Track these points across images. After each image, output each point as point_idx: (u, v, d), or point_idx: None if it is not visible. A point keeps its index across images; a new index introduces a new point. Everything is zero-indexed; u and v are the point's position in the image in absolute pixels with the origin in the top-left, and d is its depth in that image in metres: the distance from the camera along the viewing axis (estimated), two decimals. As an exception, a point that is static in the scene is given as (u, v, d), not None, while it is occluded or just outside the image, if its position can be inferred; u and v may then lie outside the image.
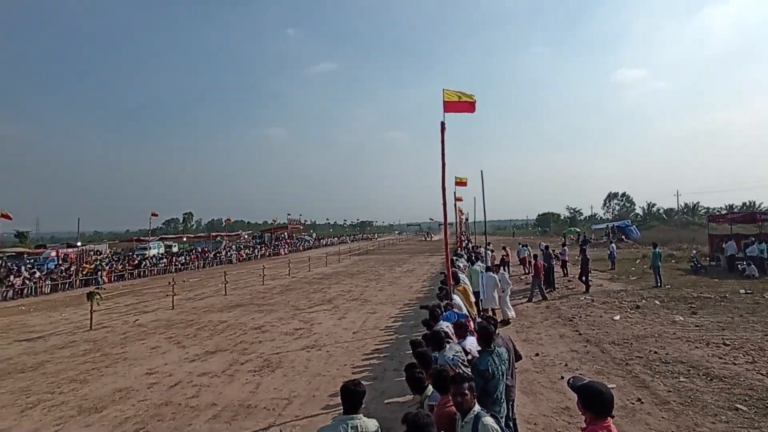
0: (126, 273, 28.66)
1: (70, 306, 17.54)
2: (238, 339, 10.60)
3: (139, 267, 30.36)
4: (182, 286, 20.67)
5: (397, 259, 34.14)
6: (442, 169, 7.15)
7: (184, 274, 30.30)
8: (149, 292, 20.21)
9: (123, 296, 19.27)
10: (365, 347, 9.35)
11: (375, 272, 25.06)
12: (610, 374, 6.99)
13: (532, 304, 13.10)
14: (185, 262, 34.67)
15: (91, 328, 12.55)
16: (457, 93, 7.20)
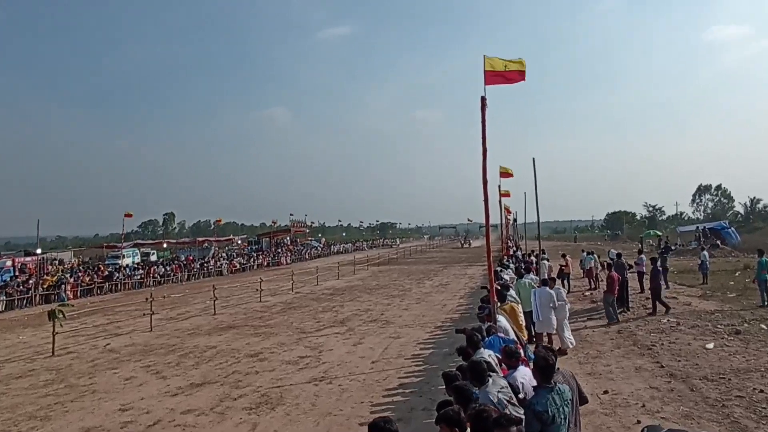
0: (95, 286, 29.47)
1: (29, 327, 18.11)
2: (230, 369, 10.74)
3: (110, 279, 31.18)
4: (162, 302, 21.08)
5: (426, 271, 34.09)
6: (483, 157, 7.11)
7: (164, 288, 30.93)
8: (123, 310, 20.70)
9: (91, 315, 19.78)
10: (387, 381, 9.35)
11: (399, 287, 25.09)
12: (701, 418, 6.82)
13: (601, 328, 12.88)
14: (166, 273, 35.38)
15: (54, 354, 12.91)
16: (502, 60, 7.15)
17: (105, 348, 13.62)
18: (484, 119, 7.07)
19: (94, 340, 14.88)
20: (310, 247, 63.79)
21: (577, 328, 12.94)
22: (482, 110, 7.10)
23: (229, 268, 41.19)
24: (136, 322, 17.58)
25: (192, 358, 11.97)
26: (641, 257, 19.08)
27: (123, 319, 18.65)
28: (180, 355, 12.34)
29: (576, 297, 18.24)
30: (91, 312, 20.26)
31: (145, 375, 10.62)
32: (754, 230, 55.05)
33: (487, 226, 7.59)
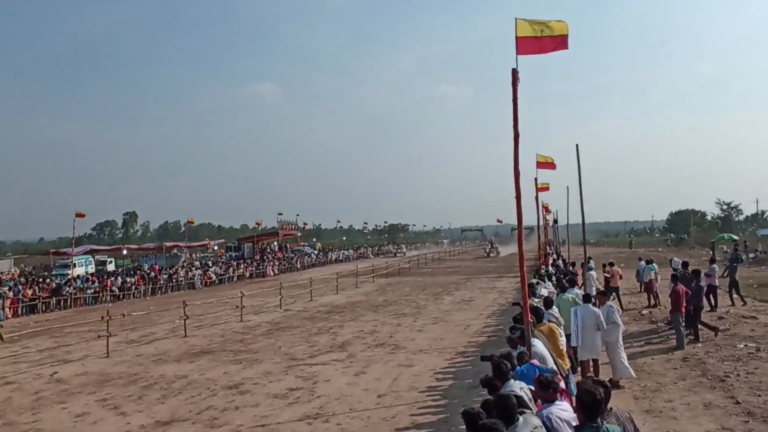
0: (39, 302, 29.67)
1: (-40, 351, 18.29)
2: (203, 403, 10.81)
3: (58, 293, 31.40)
4: (122, 322, 21.18)
5: (445, 283, 34.08)
6: (514, 143, 7.09)
7: (124, 303, 31.15)
8: (73, 331, 20.87)
9: (35, 337, 19.94)
10: (396, 419, 9.37)
11: (412, 303, 25.11)
12: (787, 467, 6.78)
13: (662, 355, 12.83)
14: (126, 286, 35.59)
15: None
16: (538, 23, 7.12)
17: (52, 377, 13.73)
18: (515, 97, 7.04)
19: (38, 367, 15.00)
20: (303, 254, 63.94)
21: (632, 354, 12.87)
22: (513, 85, 7.06)
23: (203, 280, 41.39)
24: (89, 345, 17.73)
25: (158, 390, 12.04)
26: (713, 267, 18.95)
27: (73, 342, 18.82)
28: (143, 386, 12.41)
29: (631, 316, 18.17)
30: (34, 333, 20.42)
31: (100, 411, 10.70)
32: None
33: (519, 228, 7.55)
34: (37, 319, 26.66)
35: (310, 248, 72.06)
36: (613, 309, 11.36)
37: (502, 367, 5.83)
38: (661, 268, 23.70)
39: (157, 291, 37.04)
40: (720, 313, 17.46)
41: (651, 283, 20.65)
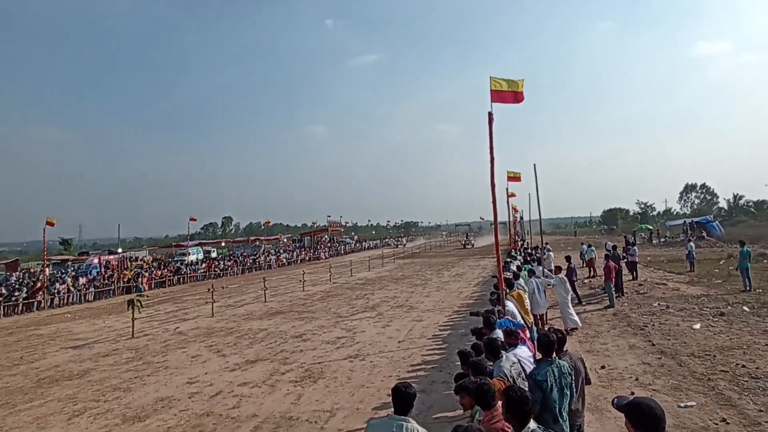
0: (166, 279, 30.16)
1: (113, 313, 18.68)
2: (278, 348, 10.92)
3: (178, 273, 31.87)
4: (221, 292, 21.52)
5: (445, 263, 33.92)
6: (490, 164, 7.06)
7: (223, 280, 31.53)
8: (189, 298, 21.18)
9: (163, 303, 20.30)
10: (411, 357, 9.37)
11: (421, 277, 25.02)
12: (689, 390, 6.64)
13: (598, 312, 12.64)
14: (224, 267, 36.02)
15: (133, 336, 13.32)
16: (506, 81, 7.08)
17: (175, 331, 13.97)
18: (491, 132, 7.02)
19: (165, 324, 15.27)
20: (345, 243, 63.98)
21: (577, 311, 12.71)
22: (489, 124, 7.04)
23: (276, 263, 41.64)
24: (200, 308, 17.97)
25: (247, 339, 12.19)
26: (634, 249, 18.63)
27: (189, 306, 19.10)
28: (237, 336, 12.57)
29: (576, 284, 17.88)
30: (162, 301, 20.80)
31: (208, 353, 10.87)
32: (737, 223, 52.91)
33: (495, 223, 7.52)
34: (165, 291, 27.12)
35: (350, 239, 72.06)
36: (562, 279, 11.20)
37: (491, 320, 5.79)
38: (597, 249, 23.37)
39: (245, 271, 37.32)
40: (640, 281, 17.14)
41: (592, 261, 20.36)
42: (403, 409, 3.11)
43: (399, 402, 3.13)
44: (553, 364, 3.95)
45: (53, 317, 19.15)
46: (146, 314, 16.27)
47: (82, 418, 7.19)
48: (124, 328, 14.74)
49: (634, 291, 15.28)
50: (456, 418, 5.84)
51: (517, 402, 2.77)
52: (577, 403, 4.30)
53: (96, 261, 34.73)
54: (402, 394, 3.14)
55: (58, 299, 23.06)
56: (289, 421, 6.54)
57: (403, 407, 3.11)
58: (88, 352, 11.85)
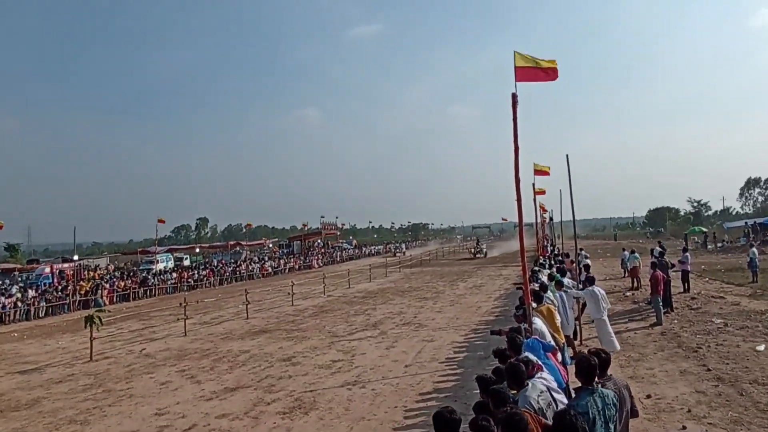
0: (130, 292, 30.29)
1: (68, 332, 18.74)
2: (263, 373, 10.94)
3: (144, 284, 32.01)
4: (196, 307, 21.57)
5: (460, 272, 33.94)
6: (515, 155, 7.03)
7: (197, 292, 31.61)
8: (157, 314, 21.24)
9: (127, 320, 20.38)
10: (421, 385, 9.37)
11: (432, 289, 25.05)
12: (752, 424, 6.61)
13: (643, 330, 12.61)
14: (199, 277, 36.12)
15: (92, 359, 13.35)
16: (533, 58, 7.07)
17: (141, 353, 14.01)
18: (515, 116, 6.99)
19: (130, 345, 15.32)
20: (342, 249, 64.15)
21: (618, 330, 12.69)
22: (513, 107, 7.01)
23: (261, 272, 41.79)
24: (170, 326, 18.03)
25: (226, 362, 12.21)
26: (686, 255, 18.57)
27: (158, 323, 19.16)
28: (214, 359, 12.60)
29: (617, 297, 17.88)
30: (126, 317, 20.88)
31: (180, 379, 10.89)
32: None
33: (520, 226, 7.50)
34: (129, 305, 27.24)
35: (348, 244, 72.25)
36: (588, 293, 11.01)
37: (517, 341, 5.75)
38: (642, 256, 23.32)
39: (223, 281, 37.46)
40: (692, 294, 17.09)
41: (635, 269, 20.31)
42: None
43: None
44: (595, 393, 3.92)
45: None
46: (107, 333, 16.31)
47: (31, 455, 7.23)
48: (80, 349, 14.77)
49: (685, 306, 15.23)
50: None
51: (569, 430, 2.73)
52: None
53: (48, 270, 34.88)
54: (446, 420, 3.16)
55: (3, 315, 23.16)
56: (275, 459, 6.55)
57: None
58: (38, 378, 11.89)
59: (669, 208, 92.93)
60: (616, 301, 17.06)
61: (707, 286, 18.91)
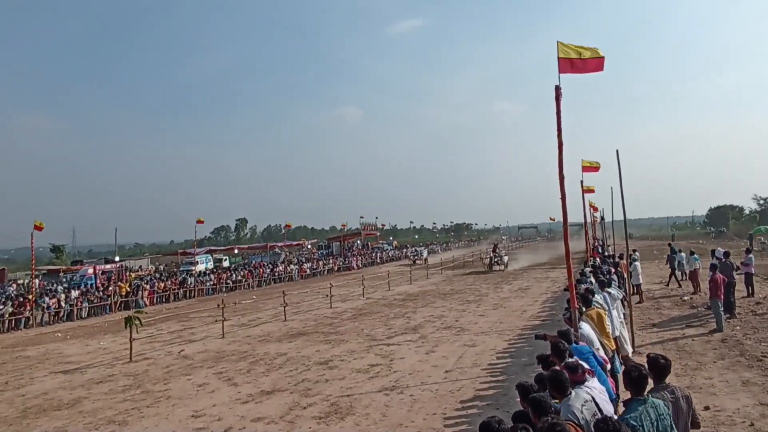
0: (170, 293, 31.14)
1: (108, 333, 19.45)
2: (299, 376, 11.07)
3: (184, 285, 32.85)
4: (234, 309, 22.02)
5: (504, 274, 33.51)
6: (558, 151, 6.90)
7: (236, 294, 32.25)
8: (196, 316, 21.80)
9: (166, 321, 20.97)
10: (461, 391, 9.29)
11: (475, 291, 24.81)
12: (823, 441, 6.28)
13: (702, 337, 12.15)
14: (237, 279, 36.84)
15: (131, 360, 13.82)
16: (577, 47, 6.91)
17: (179, 354, 14.40)
18: (559, 110, 6.86)
19: (169, 346, 15.77)
20: (382, 250, 64.24)
21: (674, 336, 12.33)
22: (557, 100, 6.88)
23: (299, 273, 42.29)
24: (208, 328, 18.46)
25: (262, 365, 12.42)
26: (749, 257, 17.77)
27: (196, 325, 19.65)
28: (251, 362, 12.83)
29: (673, 302, 17.30)
30: (166, 318, 21.48)
31: (217, 382, 11.14)
32: None
33: (565, 224, 7.34)
34: (168, 306, 28.03)
35: (388, 245, 72.34)
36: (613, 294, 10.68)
37: (560, 346, 5.63)
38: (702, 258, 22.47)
39: (262, 283, 38.03)
40: (757, 298, 16.37)
41: (695, 273, 19.57)
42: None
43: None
44: (647, 403, 3.83)
45: (42, 336, 20.13)
46: (146, 334, 16.82)
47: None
48: (121, 350, 15.29)
49: (749, 311, 14.60)
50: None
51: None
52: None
53: (91, 271, 36.40)
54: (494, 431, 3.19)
55: (48, 315, 24.23)
56: (310, 465, 6.61)
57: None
58: (80, 378, 12.38)
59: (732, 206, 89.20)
60: (672, 306, 16.53)
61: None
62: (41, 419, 9.33)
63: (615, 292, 10.67)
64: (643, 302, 17.34)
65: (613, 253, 22.29)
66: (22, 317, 23.08)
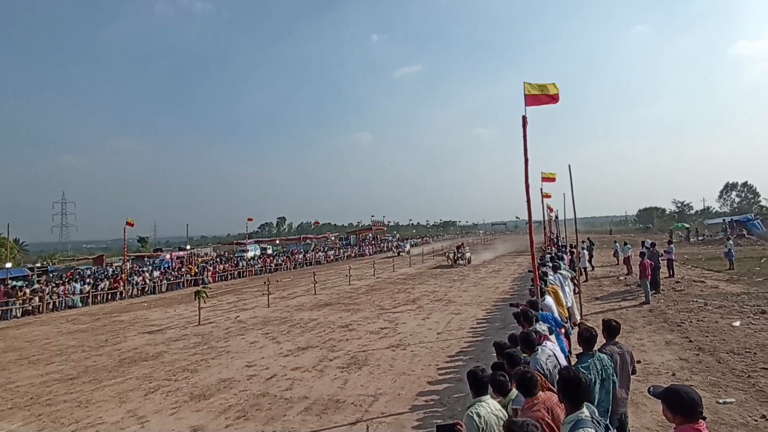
0: (227, 273, 31.25)
1: (182, 303, 19.55)
2: (326, 336, 11.10)
3: (238, 268, 32.95)
4: (276, 285, 22.06)
5: (481, 260, 33.37)
6: (524, 165, 6.90)
7: (277, 274, 32.32)
8: (248, 290, 21.88)
9: (225, 294, 21.06)
10: (450, 348, 9.29)
11: (459, 273, 24.71)
12: (728, 387, 6.23)
13: (634, 308, 12.07)
14: (278, 263, 36.91)
15: (199, 324, 13.88)
16: (539, 85, 6.90)
17: (235, 319, 14.46)
18: (525, 134, 6.86)
19: (227, 313, 15.83)
20: (387, 241, 64.05)
21: (613, 307, 12.25)
22: (524, 127, 6.88)
23: (325, 259, 42.26)
24: (257, 300, 18.52)
25: (298, 327, 12.46)
26: (671, 246, 17.63)
27: (248, 297, 19.72)
28: (290, 325, 12.87)
29: (612, 281, 17.19)
30: (225, 292, 21.58)
31: (264, 340, 11.19)
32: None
33: (530, 222, 7.35)
34: (227, 283, 28.12)
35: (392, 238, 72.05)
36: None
37: (529, 314, 5.57)
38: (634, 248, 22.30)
39: (297, 266, 38.05)
40: (677, 278, 16.23)
41: (628, 258, 19.45)
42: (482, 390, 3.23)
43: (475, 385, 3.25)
44: (594, 357, 3.85)
45: (132, 305, 20.27)
46: (210, 304, 16.92)
47: (156, 394, 7.58)
48: (191, 316, 15.39)
49: (670, 288, 14.46)
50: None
51: (572, 382, 2.65)
52: (622, 391, 4.20)
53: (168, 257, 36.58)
54: (477, 377, 3.24)
55: (136, 290, 24.40)
56: (336, 403, 6.63)
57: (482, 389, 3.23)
58: (161, 337, 12.47)
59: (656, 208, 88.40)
60: (611, 284, 16.42)
61: (690, 273, 17.91)
62: (133, 367, 9.41)
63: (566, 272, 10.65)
64: (588, 281, 17.24)
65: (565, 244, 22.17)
66: (116, 291, 23.25)
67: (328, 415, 6.22)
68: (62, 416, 6.86)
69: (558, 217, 33.91)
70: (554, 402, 3.04)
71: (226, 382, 7.99)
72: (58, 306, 20.48)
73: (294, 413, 6.36)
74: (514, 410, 3.23)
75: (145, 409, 6.93)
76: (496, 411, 3.08)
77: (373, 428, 5.76)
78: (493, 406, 3.11)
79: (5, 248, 34.50)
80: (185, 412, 6.71)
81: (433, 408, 6.25)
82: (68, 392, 8.01)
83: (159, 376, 8.61)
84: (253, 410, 6.58)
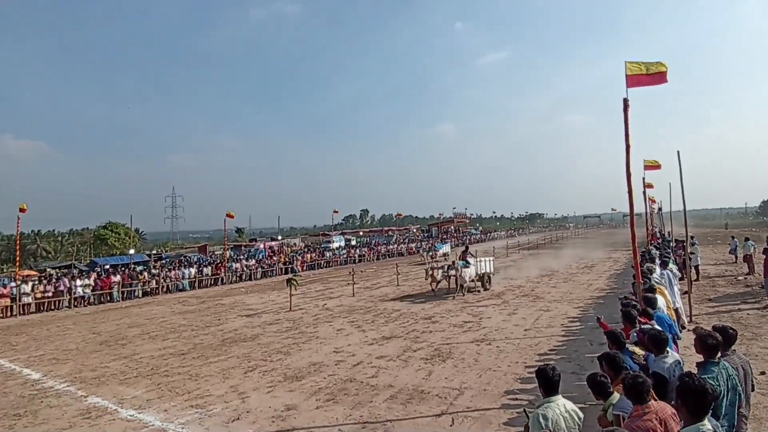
0: (315, 263, 32.77)
1: (275, 290, 20.87)
2: (410, 327, 11.21)
3: (324, 257, 34.40)
4: (360, 276, 22.71)
5: (572, 254, 31.48)
6: (626, 152, 6.35)
7: (361, 265, 33.24)
8: (334, 280, 22.78)
9: (313, 283, 22.13)
10: (538, 346, 8.91)
11: (547, 268, 23.52)
12: None
13: (756, 312, 10.64)
14: (362, 254, 37.91)
15: (291, 310, 14.74)
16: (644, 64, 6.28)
17: (323, 307, 15.13)
18: (626, 119, 6.30)
19: (316, 300, 16.62)
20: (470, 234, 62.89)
21: (730, 310, 10.92)
22: (624, 111, 6.32)
23: (407, 251, 42.61)
24: (343, 289, 19.20)
25: (382, 317, 12.72)
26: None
27: (334, 286, 20.53)
28: (374, 314, 13.19)
29: (728, 281, 15.31)
30: (313, 281, 22.68)
31: (350, 328, 11.58)
32: None
33: (631, 214, 6.76)
34: (315, 272, 29.51)
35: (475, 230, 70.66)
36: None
37: (619, 337, 5.05)
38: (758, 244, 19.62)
39: (379, 258, 38.77)
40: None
41: (750, 256, 17.18)
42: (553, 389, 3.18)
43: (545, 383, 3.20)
44: (720, 365, 3.44)
45: (232, 290, 22.09)
46: (300, 292, 17.85)
47: (254, 373, 8.21)
48: (283, 302, 16.32)
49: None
50: (585, 409, 5.40)
51: (697, 391, 2.40)
52: (745, 408, 3.72)
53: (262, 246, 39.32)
54: (548, 376, 3.20)
55: (234, 276, 26.55)
56: (420, 394, 6.69)
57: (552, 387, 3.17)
58: (257, 320, 13.45)
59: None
60: (727, 284, 14.65)
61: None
62: (233, 347, 10.27)
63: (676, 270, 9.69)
64: (699, 280, 15.52)
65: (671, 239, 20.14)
66: (218, 277, 25.47)
67: (413, 405, 6.29)
68: (177, 386, 7.70)
69: (662, 209, 30.87)
70: (668, 413, 2.76)
71: (316, 365, 8.41)
72: (171, 289, 22.94)
73: (380, 400, 6.53)
74: (616, 416, 3.01)
75: (245, 386, 7.54)
76: (567, 411, 3.01)
77: (459, 422, 5.72)
78: (563, 406, 3.03)
79: (129, 237, 39.38)
80: (280, 391, 7.19)
81: (523, 408, 6.04)
82: (181, 365, 8.97)
83: (256, 356, 9.30)
84: (341, 394, 6.86)
